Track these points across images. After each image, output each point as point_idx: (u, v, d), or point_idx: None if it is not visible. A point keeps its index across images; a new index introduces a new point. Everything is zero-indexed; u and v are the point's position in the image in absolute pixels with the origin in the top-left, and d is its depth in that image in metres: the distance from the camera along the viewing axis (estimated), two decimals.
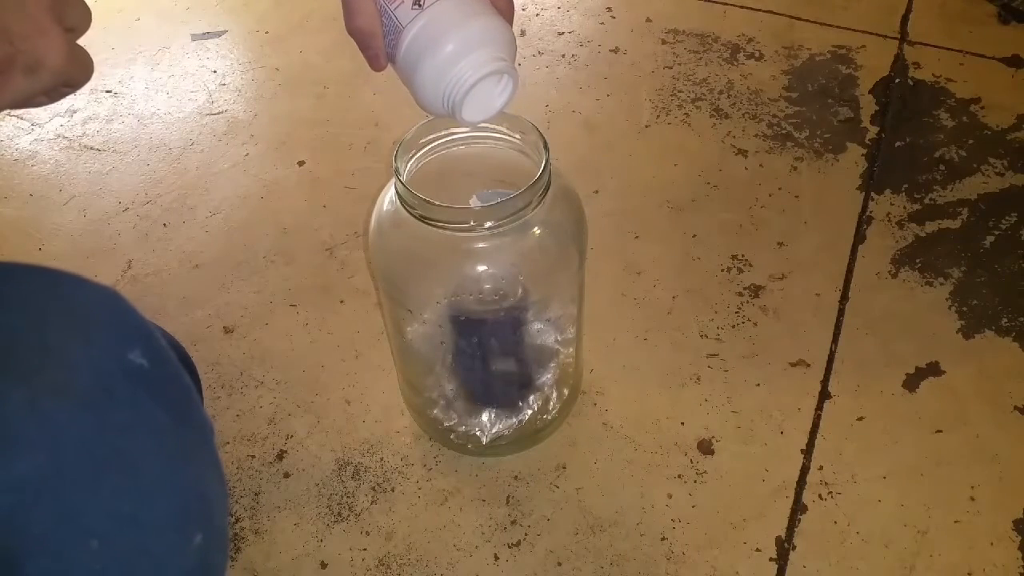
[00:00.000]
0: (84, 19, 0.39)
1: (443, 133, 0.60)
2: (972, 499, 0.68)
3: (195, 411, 0.40)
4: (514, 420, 0.69)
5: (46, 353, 0.35)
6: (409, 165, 0.59)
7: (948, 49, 1.04)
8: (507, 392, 0.68)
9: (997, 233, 0.86)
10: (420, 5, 0.49)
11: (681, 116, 0.98)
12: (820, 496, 0.68)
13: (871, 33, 1.07)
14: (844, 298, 0.81)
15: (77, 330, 0.37)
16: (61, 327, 0.36)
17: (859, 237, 0.86)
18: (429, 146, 0.60)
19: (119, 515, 0.34)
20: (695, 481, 0.69)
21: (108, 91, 1.06)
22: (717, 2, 1.12)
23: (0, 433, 0.32)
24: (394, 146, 0.58)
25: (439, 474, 0.70)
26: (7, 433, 0.33)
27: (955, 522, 0.67)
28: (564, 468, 0.70)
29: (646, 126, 0.97)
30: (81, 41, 0.39)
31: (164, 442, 0.37)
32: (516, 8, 0.53)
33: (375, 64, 0.52)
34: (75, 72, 0.38)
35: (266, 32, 1.13)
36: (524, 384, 0.68)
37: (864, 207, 0.88)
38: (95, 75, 0.40)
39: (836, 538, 0.66)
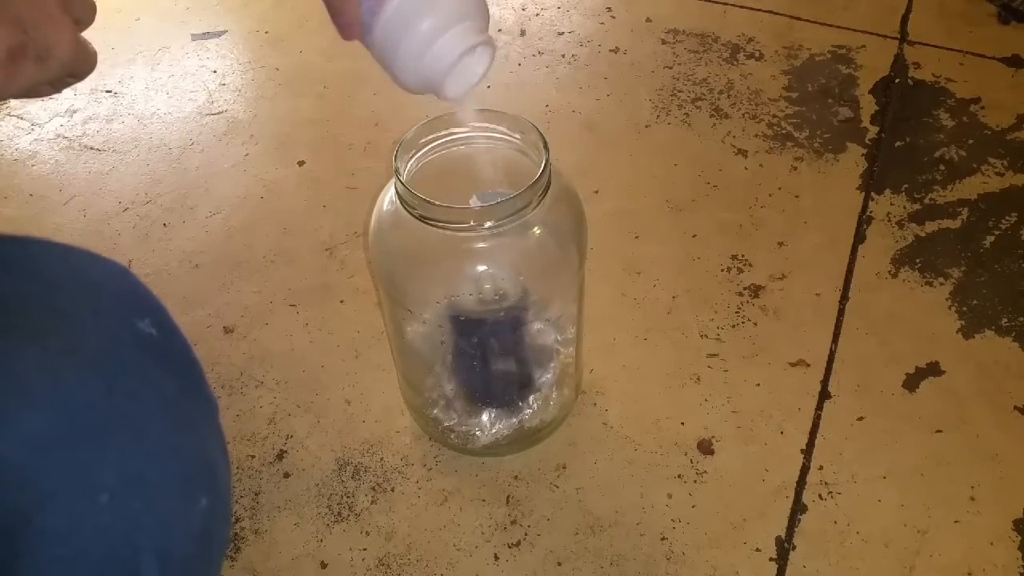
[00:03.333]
0: (90, 12, 0.40)
1: (443, 133, 0.60)
2: (972, 499, 0.68)
3: (201, 385, 0.41)
4: (514, 420, 0.69)
5: (58, 317, 0.36)
6: (409, 165, 0.59)
7: (948, 49, 1.04)
8: (507, 392, 0.68)
9: (997, 233, 0.86)
10: None
11: (681, 116, 0.98)
12: (820, 496, 0.68)
13: (871, 33, 1.07)
14: (844, 298, 0.81)
15: (88, 298, 0.38)
16: (73, 294, 0.37)
17: (859, 237, 0.86)
18: (429, 146, 0.60)
19: (127, 473, 0.35)
20: (695, 481, 0.69)
21: (108, 91, 1.06)
22: (717, 2, 1.12)
23: (13, 390, 0.33)
24: (394, 146, 0.58)
25: (439, 474, 0.70)
26: (20, 390, 0.33)
27: (955, 522, 0.67)
28: (564, 468, 0.70)
29: (646, 126, 0.97)
30: None
31: (171, 408, 0.38)
32: (516, 8, 0.53)
33: (348, 32, 0.50)
34: (81, 63, 0.39)
35: (266, 32, 1.13)
36: (524, 384, 0.68)
37: (864, 207, 0.88)
38: (95, 75, 0.41)
39: (836, 538, 0.66)
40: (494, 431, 0.69)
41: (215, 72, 1.08)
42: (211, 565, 0.41)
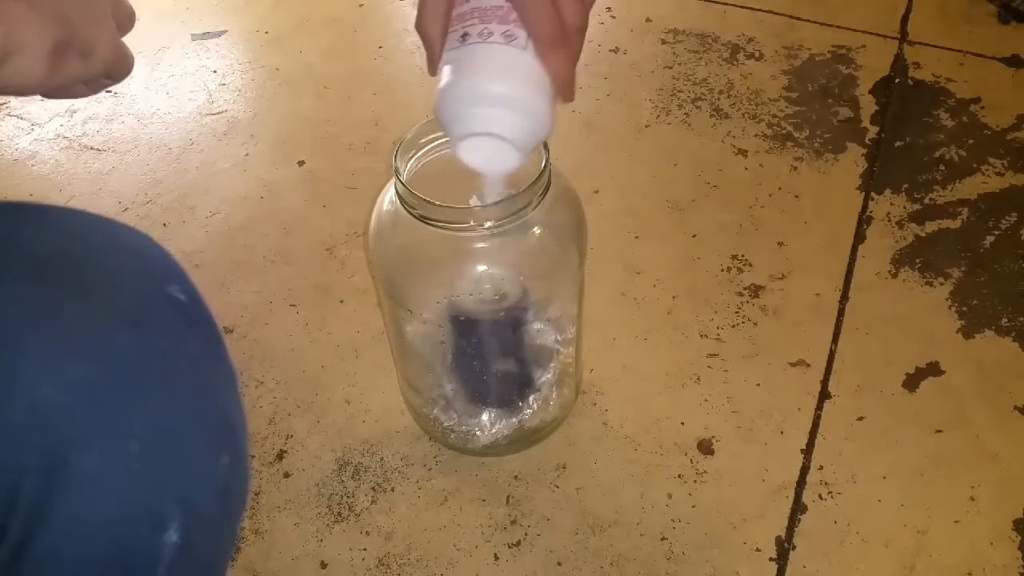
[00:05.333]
0: (129, 19, 0.43)
1: (443, 133, 0.60)
2: (972, 499, 0.68)
3: (224, 354, 0.43)
4: (514, 420, 0.69)
5: (99, 276, 0.38)
6: (409, 165, 0.59)
7: (948, 49, 1.04)
8: (507, 392, 0.68)
9: (997, 233, 0.86)
10: (464, 40, 0.47)
11: (681, 116, 0.98)
12: (820, 496, 0.68)
13: (871, 33, 1.07)
14: (844, 298, 0.81)
15: (125, 261, 0.40)
16: (112, 257, 0.40)
17: (859, 237, 0.86)
18: (429, 146, 0.60)
19: (157, 424, 0.37)
20: (695, 481, 0.69)
21: (108, 91, 1.06)
22: (717, 2, 1.12)
23: (56, 339, 0.35)
24: (394, 146, 0.58)
25: (439, 474, 0.70)
26: (63, 340, 0.36)
27: (955, 522, 0.67)
28: (564, 468, 0.70)
29: (646, 126, 0.97)
30: None
31: (198, 369, 0.40)
32: None
33: (429, 69, 0.50)
34: (120, 65, 0.42)
35: (266, 32, 1.13)
36: (524, 384, 0.68)
37: (864, 207, 0.88)
38: None
39: (836, 538, 0.66)
40: (494, 431, 0.69)
41: (215, 72, 1.08)
42: (231, 521, 0.43)
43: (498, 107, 0.47)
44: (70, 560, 0.36)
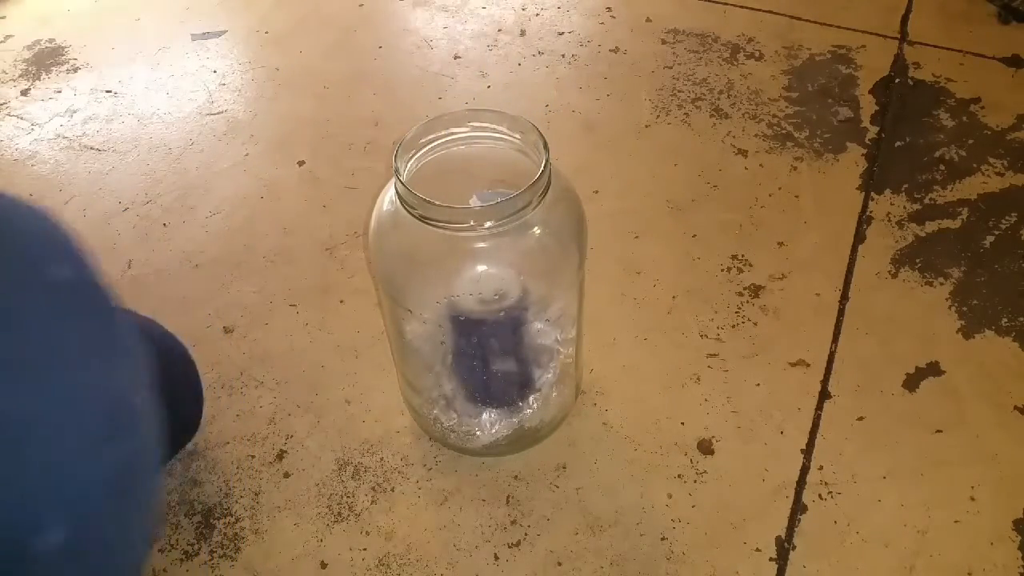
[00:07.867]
0: None
1: (443, 133, 0.60)
2: (972, 499, 0.68)
3: (120, 335, 0.40)
4: (514, 420, 0.69)
5: None
6: (409, 165, 0.59)
7: (948, 49, 1.04)
8: (507, 392, 0.68)
9: (997, 233, 0.86)
10: None
11: (681, 116, 0.98)
12: (820, 496, 0.68)
13: (871, 33, 1.07)
14: (844, 298, 0.81)
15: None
16: None
17: (859, 237, 0.86)
18: (429, 146, 0.60)
19: (27, 419, 0.35)
20: (695, 481, 0.69)
21: (108, 91, 1.06)
22: (717, 2, 1.12)
23: None
24: (394, 146, 0.57)
25: (439, 474, 0.70)
26: None
27: (955, 522, 0.67)
28: (564, 468, 0.70)
29: (646, 126, 0.97)
30: (81, 41, 0.39)
31: (81, 355, 0.38)
32: (516, 8, 0.53)
33: None
34: None
35: (266, 32, 1.13)
36: (524, 384, 0.68)
37: (864, 207, 0.88)
38: (95, 75, 0.41)
39: (836, 538, 0.66)
40: (494, 431, 0.69)
41: (215, 72, 1.08)
42: (133, 515, 0.41)
43: None
44: None
